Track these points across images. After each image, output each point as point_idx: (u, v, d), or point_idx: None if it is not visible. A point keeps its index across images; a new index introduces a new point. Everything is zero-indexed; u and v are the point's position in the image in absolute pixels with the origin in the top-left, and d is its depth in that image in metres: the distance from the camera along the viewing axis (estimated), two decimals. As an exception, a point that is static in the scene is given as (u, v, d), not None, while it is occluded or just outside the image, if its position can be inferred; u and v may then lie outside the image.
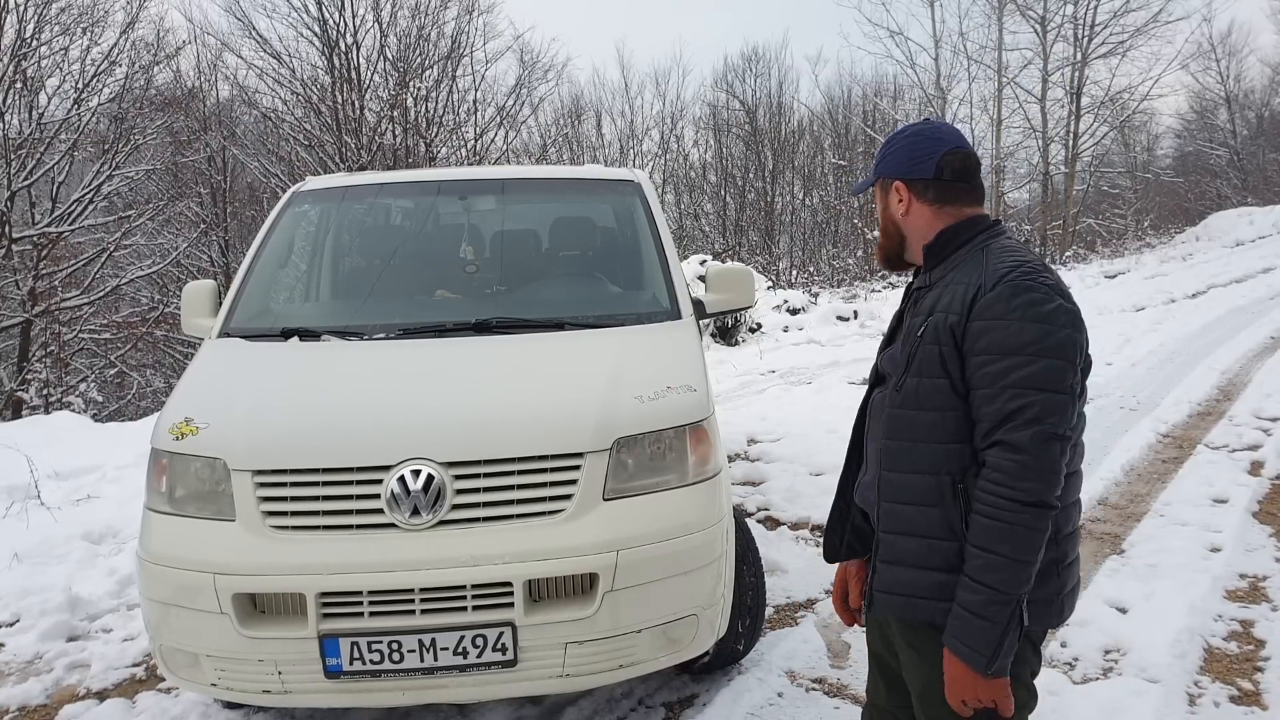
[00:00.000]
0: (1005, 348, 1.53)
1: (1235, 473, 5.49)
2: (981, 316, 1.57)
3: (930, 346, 1.63)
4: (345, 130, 17.08)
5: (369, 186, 4.16)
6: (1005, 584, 1.52)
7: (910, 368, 1.66)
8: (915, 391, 1.65)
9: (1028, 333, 1.52)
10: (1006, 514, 1.51)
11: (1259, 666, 3.28)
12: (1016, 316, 1.54)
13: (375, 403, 2.77)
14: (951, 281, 1.66)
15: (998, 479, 1.52)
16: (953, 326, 1.60)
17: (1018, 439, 1.50)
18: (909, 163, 1.77)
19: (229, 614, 2.50)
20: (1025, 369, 1.51)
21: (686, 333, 3.32)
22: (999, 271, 1.59)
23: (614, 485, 2.65)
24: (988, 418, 1.55)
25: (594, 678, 2.67)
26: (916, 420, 1.64)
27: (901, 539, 1.68)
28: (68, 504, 5.34)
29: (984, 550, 1.53)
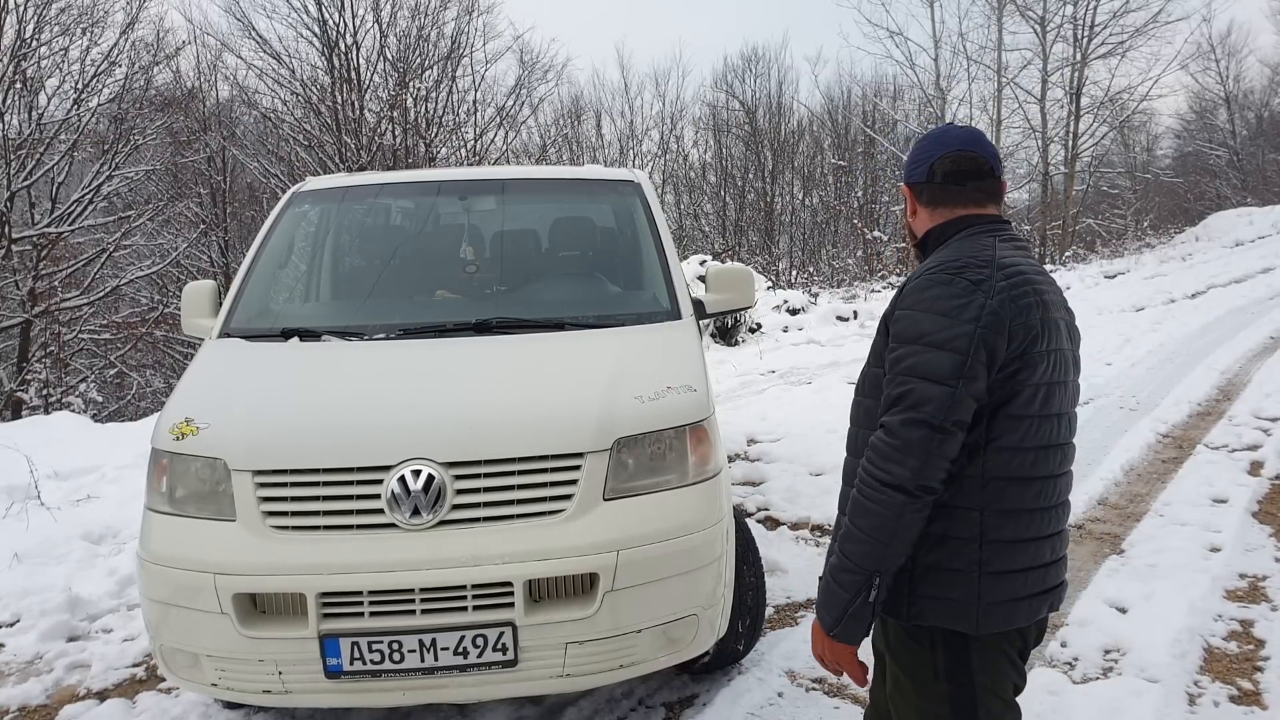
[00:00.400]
0: (905, 336, 1.61)
1: (1235, 473, 5.49)
2: (900, 306, 1.66)
3: (879, 339, 1.73)
4: (345, 130, 17.08)
5: (369, 187, 4.16)
6: (857, 556, 1.59)
7: (869, 359, 1.77)
8: (864, 380, 1.76)
9: (926, 324, 1.58)
10: (869, 490, 1.58)
11: (1259, 666, 3.28)
12: (923, 308, 1.60)
13: (375, 403, 2.77)
14: None
15: (869, 457, 1.60)
16: (885, 317, 1.70)
17: (890, 422, 1.58)
18: (910, 167, 1.85)
19: (229, 614, 2.50)
20: (914, 358, 1.58)
21: (686, 333, 3.32)
22: (927, 265, 1.68)
23: (614, 485, 2.66)
24: (882, 402, 1.63)
25: (594, 678, 2.67)
26: (869, 409, 1.72)
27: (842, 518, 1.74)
28: (67, 504, 5.34)
29: (848, 521, 1.63)
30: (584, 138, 29.05)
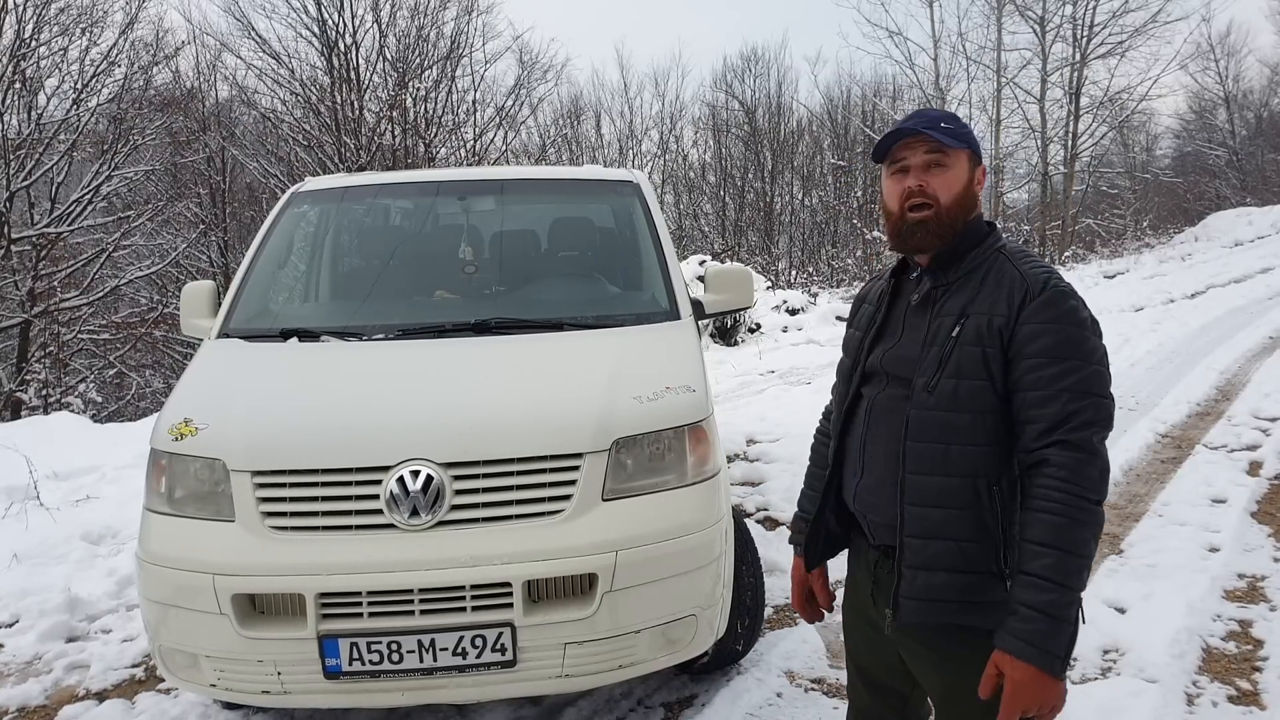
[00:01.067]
0: (1058, 353, 1.55)
1: (1234, 473, 5.49)
2: (1032, 320, 1.57)
3: (971, 348, 1.60)
4: (344, 131, 17.08)
5: (368, 187, 4.16)
6: (1074, 581, 1.50)
7: (944, 369, 1.62)
8: (953, 393, 1.61)
9: (1075, 339, 1.56)
10: (1073, 510, 1.50)
11: (1257, 666, 3.29)
12: (1065, 323, 1.56)
13: (374, 403, 2.77)
14: (979, 284, 1.65)
15: (1065, 475, 1.51)
16: (1000, 328, 1.59)
17: (1079, 439, 1.52)
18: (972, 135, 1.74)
19: (228, 614, 2.50)
20: (1079, 374, 1.54)
21: (685, 333, 3.32)
22: (1039, 277, 1.61)
23: (613, 485, 2.66)
24: (1044, 418, 1.54)
25: (593, 678, 2.66)
26: (951, 422, 1.61)
27: (934, 543, 1.63)
28: (67, 504, 5.34)
29: (1051, 547, 1.50)
30: (583, 138, 29.08)
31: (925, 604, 1.65)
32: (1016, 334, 1.58)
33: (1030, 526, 1.53)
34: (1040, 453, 1.54)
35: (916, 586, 1.65)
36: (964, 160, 1.70)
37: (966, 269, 1.68)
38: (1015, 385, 1.58)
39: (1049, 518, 1.51)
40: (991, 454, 1.60)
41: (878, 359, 1.77)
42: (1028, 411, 1.56)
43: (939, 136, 1.66)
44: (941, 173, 1.68)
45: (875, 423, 1.76)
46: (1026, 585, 1.51)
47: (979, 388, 1.60)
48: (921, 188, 1.68)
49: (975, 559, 1.61)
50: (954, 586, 1.62)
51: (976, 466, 1.60)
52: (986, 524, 1.61)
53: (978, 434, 1.60)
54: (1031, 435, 1.56)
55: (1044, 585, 1.49)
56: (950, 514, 1.62)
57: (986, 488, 1.61)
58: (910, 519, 1.65)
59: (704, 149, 30.25)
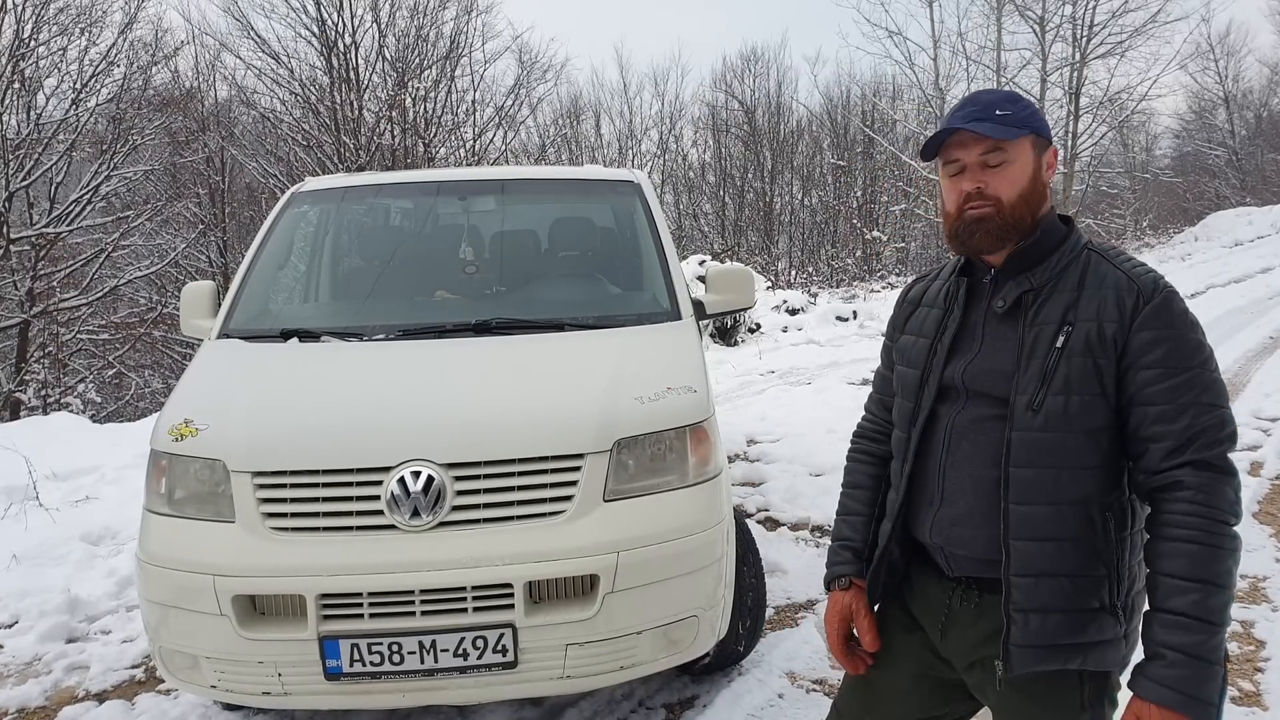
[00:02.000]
0: (1181, 362, 1.42)
1: (1235, 473, 5.49)
2: (1149, 326, 1.43)
3: (1080, 360, 1.45)
4: (344, 130, 17.08)
5: (368, 187, 4.16)
6: (1220, 617, 1.36)
7: (1051, 384, 1.45)
8: (1063, 411, 1.45)
9: (1194, 345, 1.44)
10: (1214, 537, 1.37)
11: (1259, 667, 3.28)
12: (1182, 328, 1.44)
13: (375, 404, 2.76)
14: (1076, 286, 1.49)
15: (1201, 499, 1.38)
16: (1114, 336, 1.44)
17: (1213, 457, 1.40)
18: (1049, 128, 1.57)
19: (229, 615, 2.49)
20: (1203, 384, 1.42)
21: (686, 333, 3.32)
22: (1149, 278, 1.47)
23: (614, 486, 2.65)
24: (1171, 435, 1.40)
25: (595, 679, 2.66)
26: (1064, 444, 1.45)
27: (1045, 581, 1.46)
28: (66, 505, 5.33)
29: (1195, 581, 1.36)
30: (583, 138, 29.08)
31: (1040, 650, 1.47)
32: (1131, 342, 1.44)
33: (1166, 558, 1.39)
34: (1171, 474, 1.41)
35: (1030, 632, 1.47)
36: (1027, 149, 1.52)
37: (1055, 270, 1.52)
38: (1133, 399, 1.44)
39: (1189, 547, 1.37)
40: (1104, 476, 1.47)
41: (956, 373, 1.58)
42: (1150, 428, 1.42)
43: (992, 132, 1.49)
44: (1002, 169, 1.51)
45: (957, 446, 1.56)
46: (1169, 625, 1.36)
47: (1091, 403, 1.45)
48: (980, 189, 1.52)
49: (1086, 594, 1.46)
50: (1065, 628, 1.46)
51: (1090, 492, 1.46)
52: (1099, 554, 1.46)
53: (1091, 455, 1.46)
54: (1159, 455, 1.42)
55: (1190, 624, 1.35)
56: (1062, 547, 1.46)
57: (1100, 514, 1.46)
58: (1017, 556, 1.47)
59: (703, 149, 30.28)
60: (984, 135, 1.50)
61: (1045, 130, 1.55)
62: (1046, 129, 1.55)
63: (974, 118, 1.51)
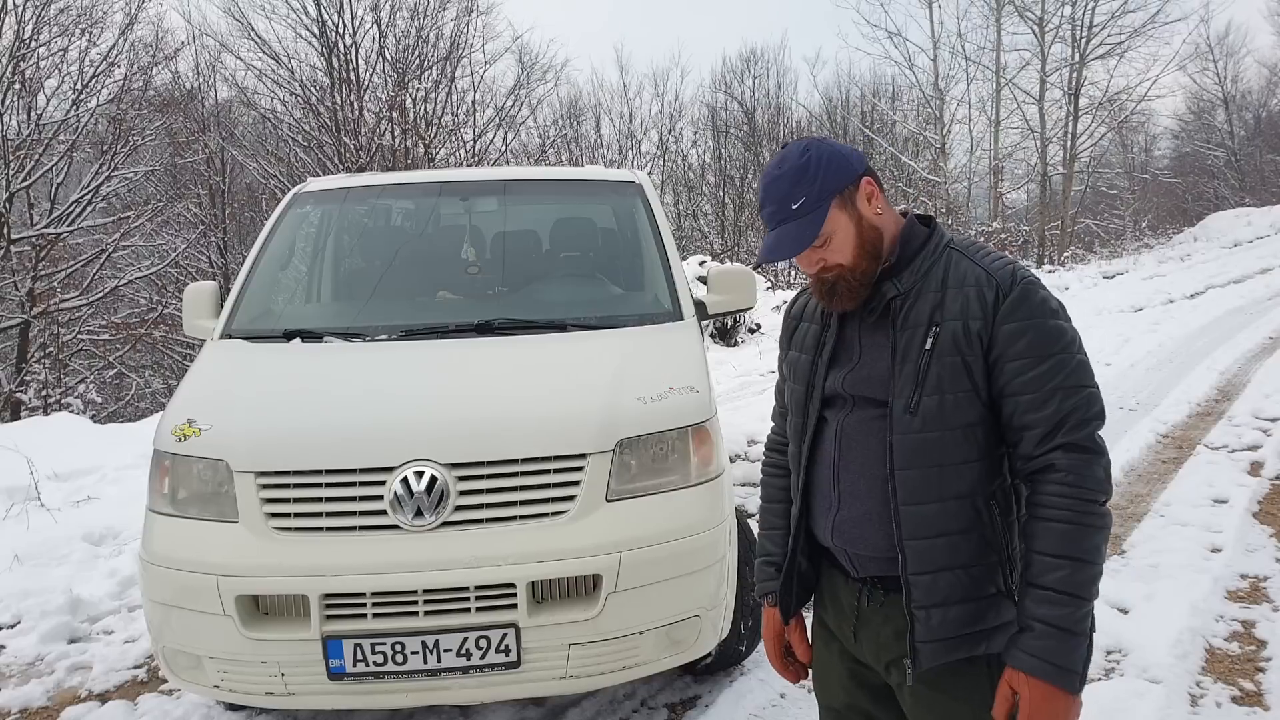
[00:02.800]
0: (1043, 350, 1.45)
1: (1235, 473, 5.49)
2: (1011, 319, 1.46)
3: (950, 359, 1.47)
4: (344, 131, 17.09)
5: (370, 188, 4.16)
6: (1088, 591, 1.42)
7: (924, 385, 1.48)
8: (938, 410, 1.48)
9: (1055, 330, 1.47)
10: (1082, 515, 1.42)
11: (1260, 667, 3.29)
12: (1042, 316, 1.47)
13: (378, 404, 2.77)
14: (940, 286, 1.51)
15: (1071, 480, 1.43)
16: (979, 333, 1.47)
17: (1081, 439, 1.44)
18: (851, 159, 1.56)
19: (232, 615, 2.49)
20: (1067, 368, 1.45)
21: (688, 334, 3.32)
22: (1006, 270, 1.50)
23: (617, 486, 2.65)
24: (1041, 422, 1.45)
25: (597, 679, 2.66)
26: (943, 442, 1.49)
27: (942, 575, 1.50)
28: (68, 505, 5.34)
29: (1064, 558, 1.41)
30: (583, 138, 29.11)
31: (945, 644, 1.50)
32: (996, 336, 1.47)
33: (1039, 537, 1.44)
34: (1044, 458, 1.46)
35: (934, 627, 1.50)
36: (837, 215, 1.52)
37: (920, 273, 1.54)
38: (1003, 391, 1.48)
39: (1059, 526, 1.42)
40: (985, 467, 1.51)
41: (838, 383, 1.60)
42: (1022, 417, 1.47)
43: (793, 247, 1.52)
44: (827, 246, 1.53)
45: (848, 450, 1.59)
46: (1040, 600, 1.42)
47: (964, 400, 1.48)
48: (821, 266, 1.55)
49: (982, 582, 1.51)
50: (965, 618, 1.50)
51: (973, 484, 1.50)
52: (990, 542, 1.51)
53: (970, 449, 1.49)
54: (1031, 442, 1.47)
55: (1058, 599, 1.41)
56: (954, 540, 1.50)
57: (985, 504, 1.51)
58: (912, 555, 1.51)
59: (703, 150, 30.32)
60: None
61: (844, 177, 1.53)
62: (844, 173, 1.53)
63: (776, 220, 1.53)
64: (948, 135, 24.77)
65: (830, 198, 1.52)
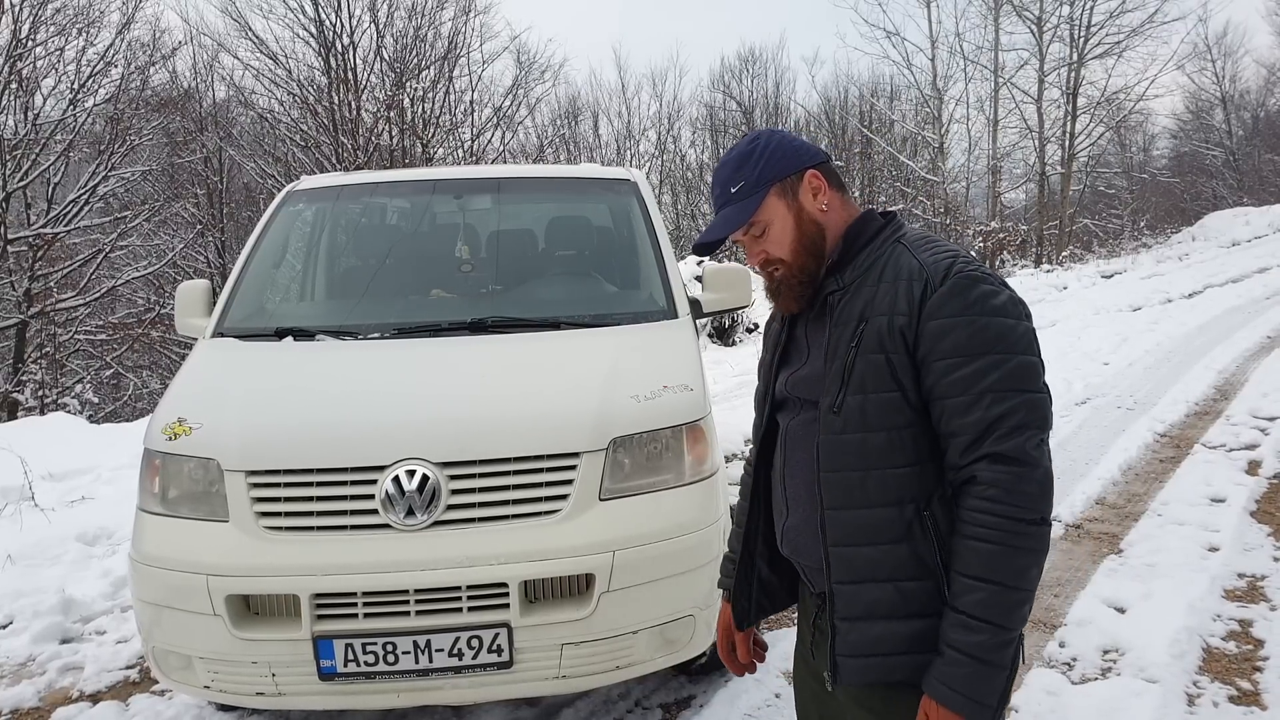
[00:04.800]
0: (973, 348, 1.33)
1: (1233, 472, 5.48)
2: (938, 315, 1.35)
3: (873, 356, 1.38)
4: (342, 131, 17.07)
5: (364, 186, 4.14)
6: (1009, 618, 1.31)
7: (848, 384, 1.40)
8: (860, 410, 1.39)
9: (993, 329, 1.34)
10: (1008, 535, 1.30)
11: (1258, 666, 3.27)
12: (977, 312, 1.34)
13: (370, 403, 2.75)
14: (876, 280, 1.43)
15: (994, 495, 1.31)
16: (902, 329, 1.37)
17: (1009, 448, 1.31)
18: (800, 151, 1.50)
19: (222, 615, 2.47)
20: (1001, 369, 1.33)
21: (683, 332, 3.31)
22: (940, 263, 1.39)
23: (610, 485, 2.64)
24: (967, 429, 1.33)
25: (590, 679, 2.65)
26: (866, 444, 1.39)
27: (865, 588, 1.40)
28: (62, 505, 5.32)
29: (982, 580, 1.31)
30: (581, 138, 29.08)
31: (866, 660, 1.41)
32: (922, 333, 1.36)
33: (959, 555, 1.34)
34: (968, 470, 1.34)
35: (852, 641, 1.42)
36: (774, 203, 1.47)
37: (863, 267, 1.46)
38: (930, 393, 1.37)
39: (980, 545, 1.31)
40: (916, 475, 1.39)
41: (784, 384, 1.55)
42: (949, 423, 1.35)
43: (724, 228, 1.47)
44: (766, 236, 1.49)
45: (792, 452, 1.52)
46: (955, 624, 1.32)
47: (888, 401, 1.38)
48: (764, 258, 1.50)
49: (918, 601, 1.39)
50: (898, 637, 1.39)
51: (901, 492, 1.38)
52: (924, 558, 1.38)
53: (896, 454, 1.38)
54: (957, 450, 1.35)
55: (974, 625, 1.30)
56: (880, 551, 1.39)
57: (916, 515, 1.38)
58: (836, 562, 1.42)
59: (701, 149, 30.30)
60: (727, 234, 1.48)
61: (787, 167, 1.48)
62: (788, 163, 1.48)
63: (718, 205, 1.50)
64: (946, 135, 24.77)
65: (768, 185, 1.47)
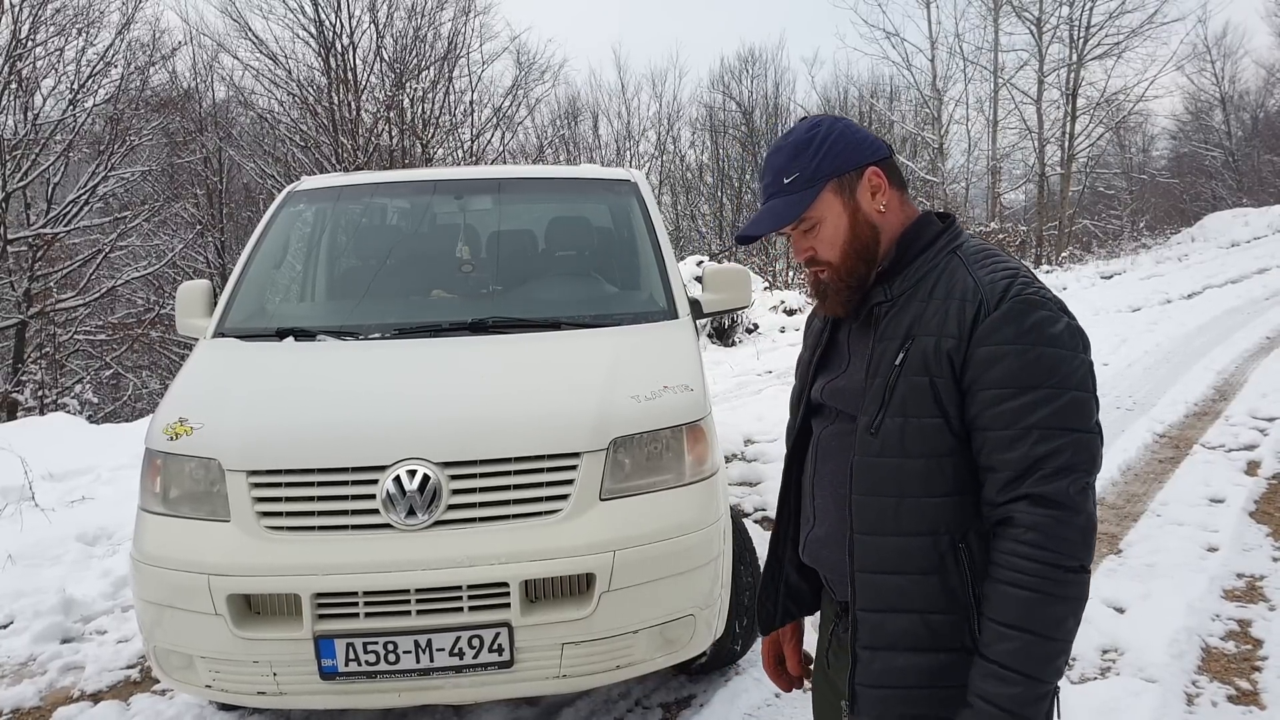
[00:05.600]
0: (1024, 380, 1.25)
1: (1232, 472, 5.49)
2: (989, 341, 1.27)
3: (918, 378, 1.31)
4: (341, 131, 17.07)
5: (364, 186, 4.15)
6: (1044, 670, 1.23)
7: (889, 405, 1.33)
8: (900, 434, 1.32)
9: (1047, 360, 1.26)
10: (1046, 583, 1.23)
11: (1256, 666, 3.28)
12: (1032, 340, 1.26)
13: (371, 403, 2.75)
14: (927, 296, 1.35)
15: (1033, 540, 1.24)
16: (950, 353, 1.29)
17: (1052, 491, 1.24)
18: (863, 145, 1.42)
19: (224, 615, 2.48)
20: (1052, 405, 1.25)
21: (683, 332, 3.31)
22: (998, 284, 1.31)
23: (610, 485, 2.64)
24: (1008, 465, 1.26)
25: (591, 678, 2.65)
26: (903, 470, 1.32)
27: (891, 617, 1.35)
28: (62, 505, 5.32)
29: (1016, 629, 1.23)
30: (580, 138, 29.09)
31: (888, 693, 1.36)
32: (971, 358, 1.28)
33: (992, 601, 1.27)
34: (1005, 509, 1.27)
35: (875, 671, 1.36)
36: (831, 200, 1.40)
37: (914, 278, 1.38)
38: (974, 423, 1.30)
39: (1015, 591, 1.24)
40: (954, 506, 1.32)
41: (821, 391, 1.49)
42: (990, 456, 1.28)
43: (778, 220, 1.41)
44: (816, 232, 1.42)
45: (823, 462, 1.47)
46: (987, 674, 1.25)
47: (931, 427, 1.31)
48: (811, 256, 1.43)
49: (945, 635, 1.33)
50: (921, 670, 1.34)
51: (937, 523, 1.32)
52: (955, 592, 1.32)
53: (934, 483, 1.31)
54: (995, 487, 1.28)
55: (1006, 675, 1.23)
56: (910, 581, 1.33)
57: (951, 547, 1.32)
58: (862, 589, 1.37)
59: (701, 150, 30.30)
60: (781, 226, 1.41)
61: (847, 162, 1.40)
62: (849, 158, 1.40)
63: (769, 194, 1.44)
64: (945, 135, 24.79)
65: (826, 179, 1.39)
